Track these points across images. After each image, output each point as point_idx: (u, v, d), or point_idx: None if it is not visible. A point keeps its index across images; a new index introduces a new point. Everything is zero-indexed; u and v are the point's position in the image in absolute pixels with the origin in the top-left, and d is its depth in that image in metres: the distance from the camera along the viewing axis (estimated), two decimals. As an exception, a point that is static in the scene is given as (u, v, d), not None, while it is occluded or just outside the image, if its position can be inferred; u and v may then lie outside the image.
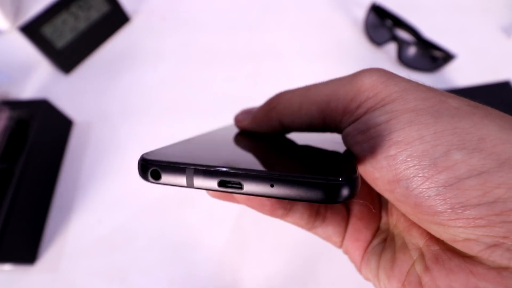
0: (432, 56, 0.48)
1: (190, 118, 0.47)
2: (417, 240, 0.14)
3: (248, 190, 0.11)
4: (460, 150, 0.11)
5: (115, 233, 0.39)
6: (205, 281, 0.36)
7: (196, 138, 0.17)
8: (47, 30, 0.49)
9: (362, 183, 0.16)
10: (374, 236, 0.16)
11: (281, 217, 0.17)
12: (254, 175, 0.11)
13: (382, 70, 0.13)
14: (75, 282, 0.37)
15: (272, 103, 0.16)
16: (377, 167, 0.12)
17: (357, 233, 0.17)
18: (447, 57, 0.47)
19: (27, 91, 0.52)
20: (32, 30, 0.47)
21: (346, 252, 0.17)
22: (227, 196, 0.17)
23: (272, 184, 0.10)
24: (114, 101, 0.50)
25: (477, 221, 0.10)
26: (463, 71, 0.48)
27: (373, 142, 0.12)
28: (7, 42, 0.59)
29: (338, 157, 0.14)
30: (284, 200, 0.16)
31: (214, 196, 0.17)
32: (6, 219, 0.35)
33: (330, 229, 0.17)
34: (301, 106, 0.15)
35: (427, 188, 0.11)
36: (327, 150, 0.15)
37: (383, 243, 0.16)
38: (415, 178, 0.11)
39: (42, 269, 0.38)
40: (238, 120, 0.19)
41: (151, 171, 0.12)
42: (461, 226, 0.11)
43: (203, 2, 0.61)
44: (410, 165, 0.11)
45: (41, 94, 0.52)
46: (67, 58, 0.53)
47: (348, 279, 0.35)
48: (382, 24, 0.51)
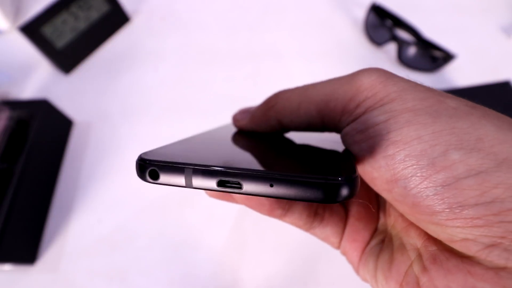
0: (432, 56, 0.48)
1: (190, 118, 0.47)
2: (415, 241, 0.14)
3: (248, 190, 0.11)
4: (458, 150, 0.11)
5: (115, 233, 0.39)
6: (205, 281, 0.36)
7: (195, 138, 0.17)
8: (47, 30, 0.49)
9: (361, 184, 0.16)
10: (372, 237, 0.16)
11: (280, 217, 0.17)
12: (254, 175, 0.11)
13: (381, 70, 0.13)
14: (75, 282, 0.37)
15: (271, 102, 0.16)
16: (376, 167, 0.12)
17: (355, 234, 0.17)
18: (447, 57, 0.47)
19: (27, 91, 0.52)
20: (32, 30, 0.47)
21: (344, 253, 0.17)
22: (225, 196, 0.17)
23: (272, 184, 0.10)
24: (114, 101, 0.50)
25: (475, 221, 0.10)
26: (463, 71, 0.48)
27: (372, 142, 0.12)
28: (7, 42, 0.59)
29: (337, 157, 0.13)
30: (283, 200, 0.16)
31: (212, 196, 0.17)
32: (6, 219, 0.35)
33: (328, 230, 0.17)
34: (300, 106, 0.15)
35: (425, 188, 0.11)
36: (326, 150, 0.15)
37: (381, 244, 0.16)
38: (413, 178, 0.11)
39: (42, 269, 0.38)
40: (236, 120, 0.19)
41: (149, 171, 0.12)
42: (459, 226, 0.11)
43: (203, 2, 0.61)
44: (408, 165, 0.11)
45: (41, 94, 0.52)
46: (67, 58, 0.53)
47: (348, 279, 0.34)
48: (382, 24, 0.51)
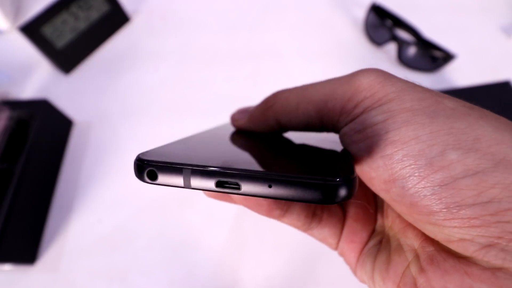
0: (432, 56, 0.48)
1: (190, 118, 0.47)
2: (412, 242, 0.14)
3: (246, 191, 0.11)
4: (456, 150, 0.11)
5: (115, 233, 0.39)
6: (205, 281, 0.36)
7: (193, 137, 0.17)
8: (47, 30, 0.49)
9: (359, 185, 0.16)
10: (370, 238, 0.16)
11: (278, 218, 0.17)
12: (252, 176, 0.10)
13: (380, 71, 0.14)
14: (75, 282, 0.37)
15: (269, 102, 0.16)
16: (373, 167, 0.12)
17: (353, 235, 0.17)
18: (447, 57, 0.47)
19: (27, 91, 0.52)
20: (32, 30, 0.47)
21: (342, 254, 0.17)
22: (224, 196, 0.17)
23: (270, 185, 0.10)
24: (114, 101, 0.50)
25: (472, 221, 0.10)
26: (463, 71, 0.48)
27: (370, 142, 0.12)
28: (7, 42, 0.59)
29: (336, 157, 0.13)
30: (282, 201, 0.16)
31: (211, 196, 0.17)
32: (6, 219, 0.35)
33: (326, 231, 0.17)
34: (299, 105, 0.15)
35: (423, 188, 0.11)
36: (324, 150, 0.15)
37: (379, 245, 0.16)
38: (411, 178, 0.11)
39: (42, 269, 0.38)
40: (235, 119, 0.19)
41: (148, 172, 0.12)
42: (456, 226, 0.11)
43: (203, 2, 0.61)
44: (406, 165, 0.11)
45: (41, 94, 0.52)
46: (67, 58, 0.53)
47: (348, 279, 0.34)
48: (382, 24, 0.51)
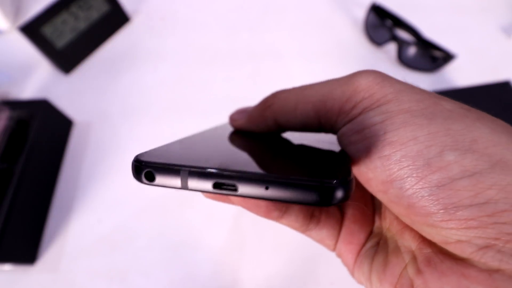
0: (432, 56, 0.48)
1: (190, 118, 0.47)
2: (410, 243, 0.14)
3: (243, 192, 0.11)
4: (453, 151, 0.11)
5: (115, 233, 0.39)
6: (205, 281, 0.36)
7: (191, 138, 0.17)
8: (47, 30, 0.49)
9: (356, 187, 0.16)
10: (367, 240, 0.16)
11: (276, 219, 0.17)
12: (249, 178, 0.11)
13: (378, 72, 0.14)
14: (75, 282, 0.37)
15: (268, 102, 0.16)
16: (371, 168, 0.12)
17: (351, 236, 0.17)
18: (447, 57, 0.47)
19: (27, 91, 0.52)
20: (32, 30, 0.47)
21: (339, 255, 0.17)
22: (222, 197, 0.17)
23: (267, 187, 0.10)
24: (114, 101, 0.50)
25: (469, 222, 0.10)
26: (463, 71, 0.48)
27: (368, 142, 0.12)
28: (7, 42, 0.59)
29: (333, 159, 0.13)
30: (279, 202, 0.16)
31: (209, 197, 0.17)
32: (6, 219, 0.35)
33: (324, 232, 0.17)
34: (297, 105, 0.15)
35: (421, 188, 0.11)
36: (322, 151, 0.15)
37: (376, 247, 0.16)
38: (409, 178, 0.11)
39: (42, 269, 0.38)
40: (233, 119, 0.19)
41: (145, 173, 0.12)
42: (453, 228, 0.11)
43: (203, 2, 0.61)
44: (404, 165, 0.11)
45: (41, 94, 0.52)
46: (67, 58, 0.53)
47: (348, 280, 0.34)
48: (382, 24, 0.51)
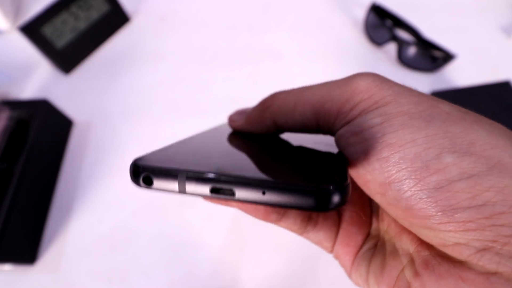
0: (432, 56, 0.48)
1: (190, 118, 0.47)
2: (407, 246, 0.14)
3: (240, 197, 0.11)
4: (452, 153, 0.11)
5: (115, 233, 0.39)
6: (205, 281, 0.36)
7: (190, 140, 0.17)
8: (47, 30, 0.49)
9: (354, 189, 0.16)
10: (365, 242, 0.17)
11: (275, 222, 0.17)
12: (246, 183, 0.11)
13: (376, 75, 0.14)
14: (75, 282, 0.37)
15: (267, 102, 0.16)
16: (369, 170, 0.12)
17: (348, 239, 0.17)
18: (447, 57, 0.47)
19: (27, 91, 0.52)
20: (32, 30, 0.47)
21: (337, 257, 0.17)
22: (221, 200, 0.17)
23: (264, 192, 0.10)
24: (114, 101, 0.50)
25: (467, 225, 0.10)
26: (463, 71, 0.48)
27: (366, 144, 0.12)
28: (7, 42, 0.59)
29: (330, 162, 0.13)
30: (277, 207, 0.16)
31: (207, 200, 0.17)
32: (6, 219, 0.35)
33: (322, 234, 0.17)
34: (296, 106, 0.15)
35: (419, 190, 0.11)
36: (319, 154, 0.15)
37: (373, 249, 0.16)
38: (407, 180, 0.11)
39: (42, 269, 0.38)
40: (232, 120, 0.19)
41: (143, 177, 0.12)
42: (451, 230, 0.11)
43: (203, 2, 0.61)
44: (403, 167, 0.11)
45: (41, 94, 0.52)
46: (67, 58, 0.53)
47: (348, 279, 0.34)
48: (382, 24, 0.51)
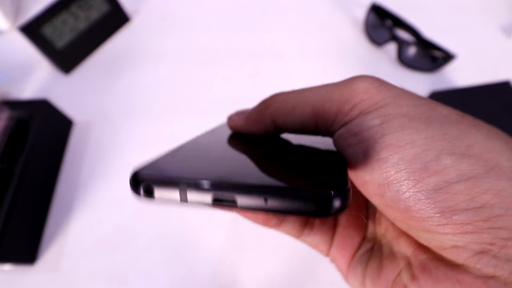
0: (432, 56, 0.48)
1: (190, 118, 0.47)
2: (405, 250, 0.14)
3: (242, 205, 0.11)
4: (450, 155, 0.11)
5: (115, 233, 0.39)
6: (205, 281, 0.36)
7: (189, 145, 0.17)
8: (47, 30, 0.49)
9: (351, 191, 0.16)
10: (361, 245, 0.17)
11: (275, 227, 0.17)
12: (248, 192, 0.11)
13: (375, 77, 0.14)
14: (75, 282, 0.37)
15: (267, 102, 0.16)
16: (368, 170, 0.12)
17: (344, 242, 0.17)
18: (447, 57, 0.47)
19: (27, 91, 0.52)
20: (32, 30, 0.47)
21: (333, 260, 0.17)
22: (223, 207, 0.17)
23: (266, 200, 0.11)
24: (114, 101, 0.50)
25: (465, 227, 0.10)
26: (463, 71, 0.48)
27: (365, 145, 0.12)
28: (7, 42, 0.59)
29: (330, 165, 0.14)
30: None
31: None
32: (6, 219, 0.35)
33: (318, 238, 0.17)
34: (295, 106, 0.15)
35: (418, 191, 0.11)
36: (319, 156, 0.15)
37: (370, 252, 0.16)
38: (406, 181, 0.11)
39: (42, 269, 0.38)
40: (232, 120, 0.19)
41: (144, 189, 0.12)
42: (450, 233, 0.11)
43: (203, 2, 0.61)
44: (402, 168, 0.11)
45: (41, 94, 0.52)
46: (67, 58, 0.53)
47: (348, 279, 0.35)
48: (382, 24, 0.51)
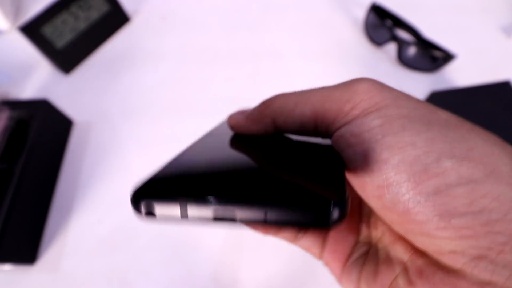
0: (432, 56, 0.48)
1: (190, 118, 0.47)
2: (402, 254, 0.14)
3: (242, 220, 0.11)
4: (451, 158, 0.11)
5: (115, 233, 0.39)
6: (205, 281, 0.36)
7: (188, 153, 0.16)
8: (47, 30, 0.49)
9: None
10: (354, 249, 0.17)
11: (274, 234, 0.17)
12: (248, 208, 0.11)
13: (375, 80, 0.14)
14: (75, 282, 0.37)
15: (268, 102, 0.16)
16: (368, 171, 0.12)
17: (336, 245, 0.17)
18: (447, 57, 0.47)
19: (27, 91, 0.52)
20: (32, 30, 0.47)
21: (326, 264, 0.17)
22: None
23: (266, 214, 0.11)
24: (114, 101, 0.50)
25: (464, 231, 0.10)
26: (463, 71, 0.48)
27: (366, 145, 0.12)
28: (7, 42, 0.59)
29: (328, 172, 0.13)
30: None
31: None
32: (6, 219, 0.35)
33: (310, 240, 0.17)
34: (296, 106, 0.15)
35: (417, 194, 0.11)
36: (317, 162, 0.15)
37: (365, 256, 0.16)
38: (406, 183, 0.11)
39: (42, 269, 0.38)
40: (232, 119, 0.19)
41: (145, 211, 0.12)
42: (448, 237, 0.11)
43: (203, 2, 0.61)
44: (402, 170, 0.11)
45: (41, 94, 0.52)
46: (67, 58, 0.53)
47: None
48: (382, 24, 0.51)
